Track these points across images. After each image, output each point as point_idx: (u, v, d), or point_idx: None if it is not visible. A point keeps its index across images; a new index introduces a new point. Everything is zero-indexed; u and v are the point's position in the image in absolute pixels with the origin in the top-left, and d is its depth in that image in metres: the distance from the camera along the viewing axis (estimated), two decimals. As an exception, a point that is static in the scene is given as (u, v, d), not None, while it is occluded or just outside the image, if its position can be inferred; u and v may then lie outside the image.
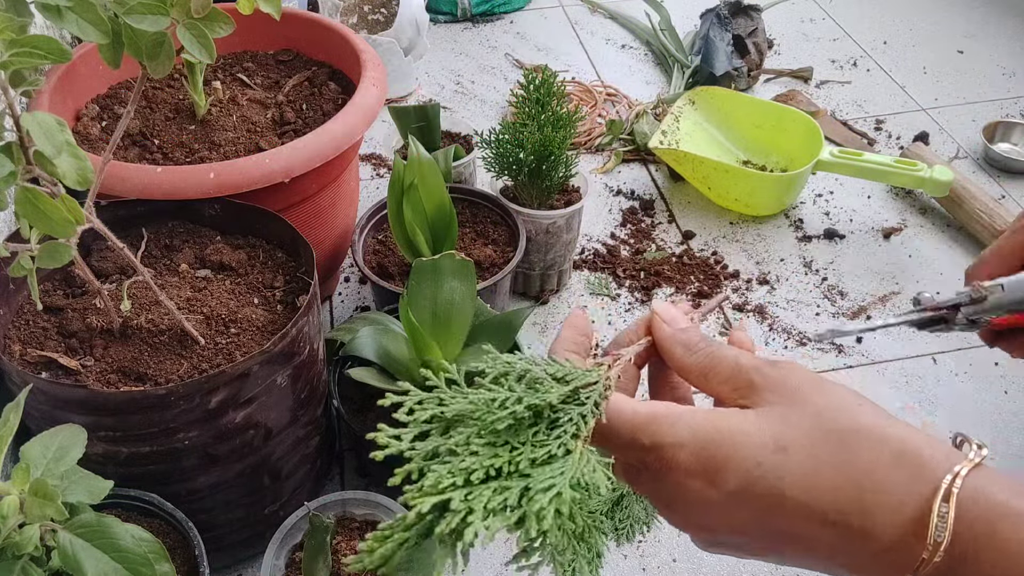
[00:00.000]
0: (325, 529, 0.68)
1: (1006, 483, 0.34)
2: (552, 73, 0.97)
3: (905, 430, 0.35)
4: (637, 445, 0.37)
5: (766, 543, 0.38)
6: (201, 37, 0.56)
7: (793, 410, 0.37)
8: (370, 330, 0.78)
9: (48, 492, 0.49)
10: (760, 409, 0.37)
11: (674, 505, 0.39)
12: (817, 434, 0.36)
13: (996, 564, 0.33)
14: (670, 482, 0.38)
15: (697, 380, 0.40)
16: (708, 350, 0.40)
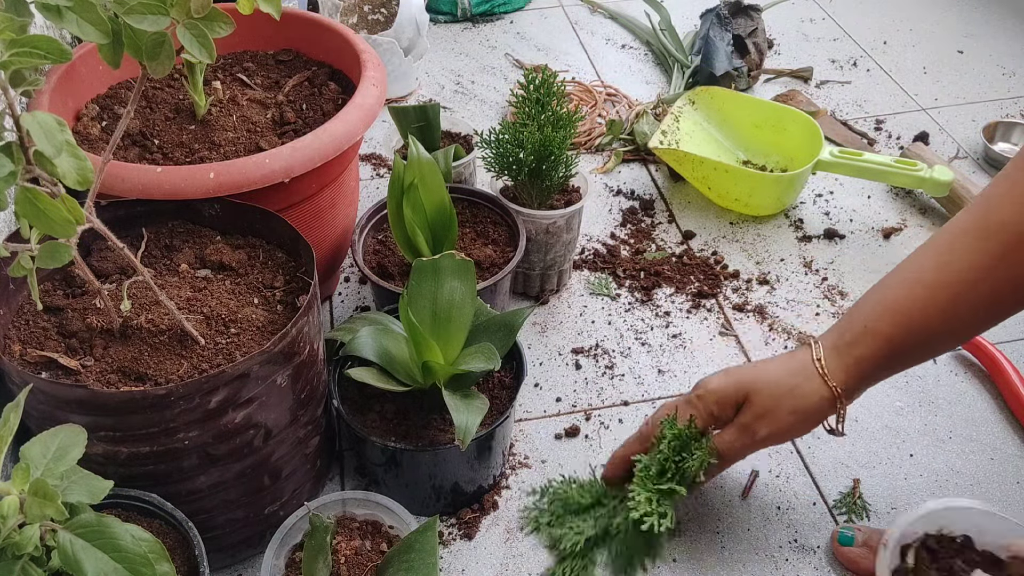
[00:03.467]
0: (325, 529, 0.68)
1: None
2: (552, 73, 0.97)
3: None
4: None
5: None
6: (201, 37, 0.56)
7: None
8: (370, 330, 0.78)
9: (48, 492, 0.49)
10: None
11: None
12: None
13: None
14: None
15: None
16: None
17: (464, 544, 0.81)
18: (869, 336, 0.70)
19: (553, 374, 0.97)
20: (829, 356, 0.71)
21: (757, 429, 0.72)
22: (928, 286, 0.67)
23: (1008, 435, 0.91)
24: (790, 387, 0.71)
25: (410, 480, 0.80)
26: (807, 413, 0.71)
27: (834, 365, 0.71)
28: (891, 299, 0.69)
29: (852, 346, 0.71)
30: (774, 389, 0.71)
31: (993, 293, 0.66)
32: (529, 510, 0.77)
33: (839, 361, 0.71)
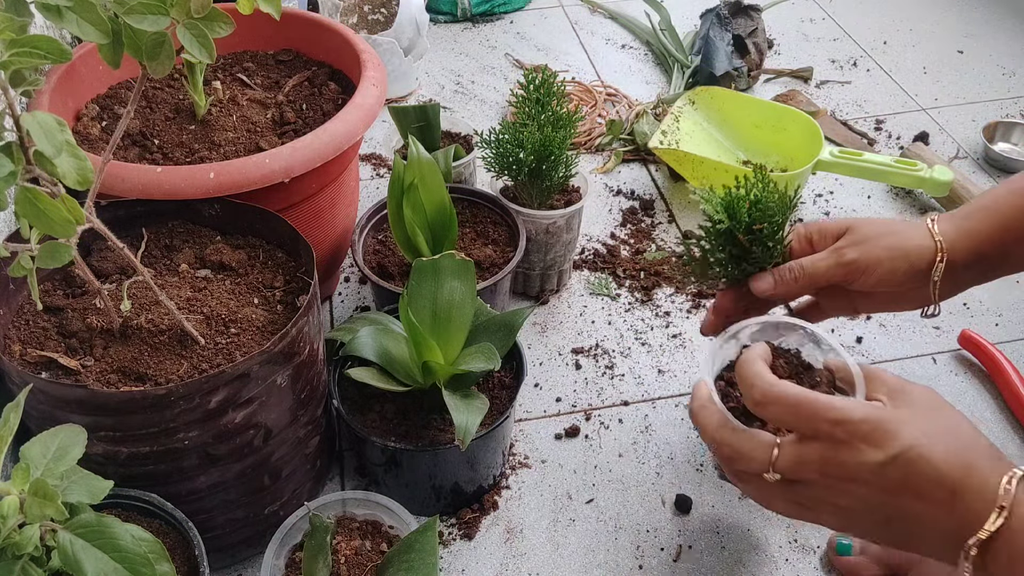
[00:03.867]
0: (325, 529, 0.68)
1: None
2: (552, 73, 0.97)
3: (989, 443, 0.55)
4: (828, 420, 0.54)
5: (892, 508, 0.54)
6: (201, 37, 0.56)
7: (936, 412, 0.56)
8: (370, 330, 0.78)
9: (48, 492, 0.49)
10: (911, 410, 0.55)
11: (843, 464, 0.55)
12: (951, 427, 0.55)
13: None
14: (848, 448, 0.54)
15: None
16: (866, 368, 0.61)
17: (464, 544, 0.81)
18: (984, 212, 0.69)
19: (553, 374, 0.97)
20: (942, 219, 0.71)
21: (847, 251, 0.70)
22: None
23: (1008, 435, 0.91)
24: (893, 229, 0.70)
25: (410, 480, 0.80)
26: (904, 251, 0.69)
27: (944, 226, 0.70)
28: (1015, 187, 0.70)
29: (965, 218, 0.70)
30: (878, 226, 0.71)
31: None
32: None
33: (949, 224, 0.70)
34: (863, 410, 0.54)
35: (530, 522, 0.82)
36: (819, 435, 0.55)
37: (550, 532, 0.82)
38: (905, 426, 0.54)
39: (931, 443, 0.53)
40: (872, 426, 0.53)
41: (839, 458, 0.54)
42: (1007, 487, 0.50)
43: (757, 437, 0.58)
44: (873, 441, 0.53)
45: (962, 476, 0.52)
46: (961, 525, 0.51)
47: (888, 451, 0.53)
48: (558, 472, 0.87)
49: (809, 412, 0.55)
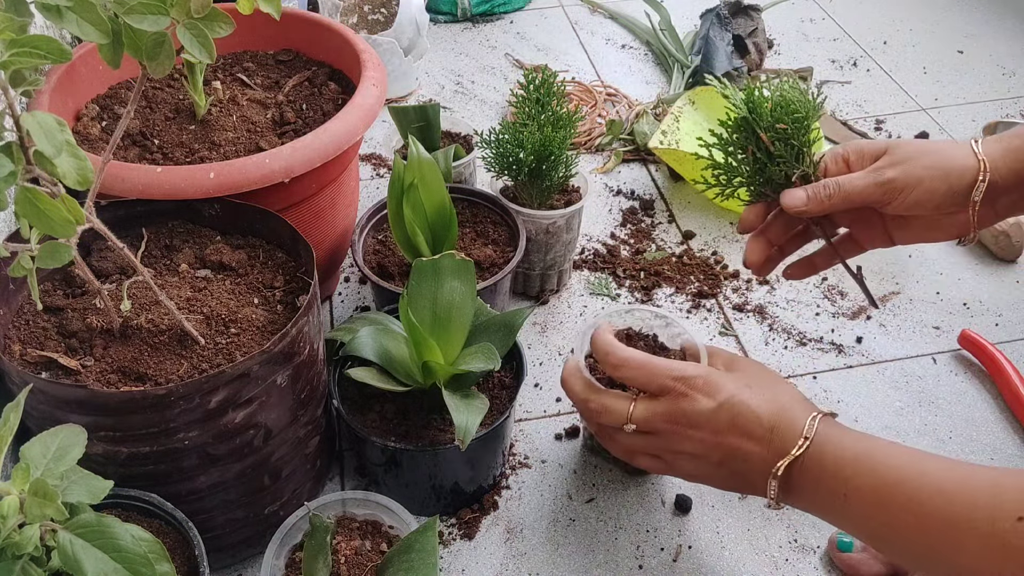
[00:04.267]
0: (325, 529, 0.68)
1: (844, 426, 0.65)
2: (552, 73, 0.97)
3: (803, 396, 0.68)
4: (669, 375, 0.67)
5: (724, 448, 0.66)
6: (201, 37, 0.56)
7: (754, 374, 0.69)
8: (370, 330, 0.78)
9: (48, 492, 0.49)
10: (739, 372, 0.69)
11: (684, 412, 0.66)
12: (766, 383, 0.68)
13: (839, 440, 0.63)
14: (687, 398, 0.66)
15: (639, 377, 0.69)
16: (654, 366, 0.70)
17: (464, 544, 0.81)
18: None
19: (553, 374, 0.97)
20: (986, 141, 0.70)
21: (885, 171, 0.69)
22: None
23: (1008, 435, 0.91)
24: (935, 147, 0.69)
25: (410, 480, 0.80)
26: (944, 170, 0.68)
27: (990, 147, 0.69)
28: None
29: (1014, 136, 0.69)
30: (919, 146, 0.70)
31: None
32: None
33: (996, 144, 0.69)
34: (697, 369, 0.67)
35: (530, 522, 0.82)
36: (664, 390, 0.67)
37: (550, 532, 0.82)
38: (731, 381, 0.66)
39: (751, 392, 0.66)
40: (704, 380, 0.66)
41: (680, 407, 0.66)
42: (811, 423, 0.64)
43: (617, 395, 0.70)
44: (705, 391, 0.66)
45: (776, 417, 0.64)
46: (776, 455, 0.64)
47: (717, 399, 0.65)
48: (558, 472, 0.87)
49: (654, 370, 0.67)
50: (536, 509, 0.84)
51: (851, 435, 0.63)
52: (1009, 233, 1.09)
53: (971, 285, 1.08)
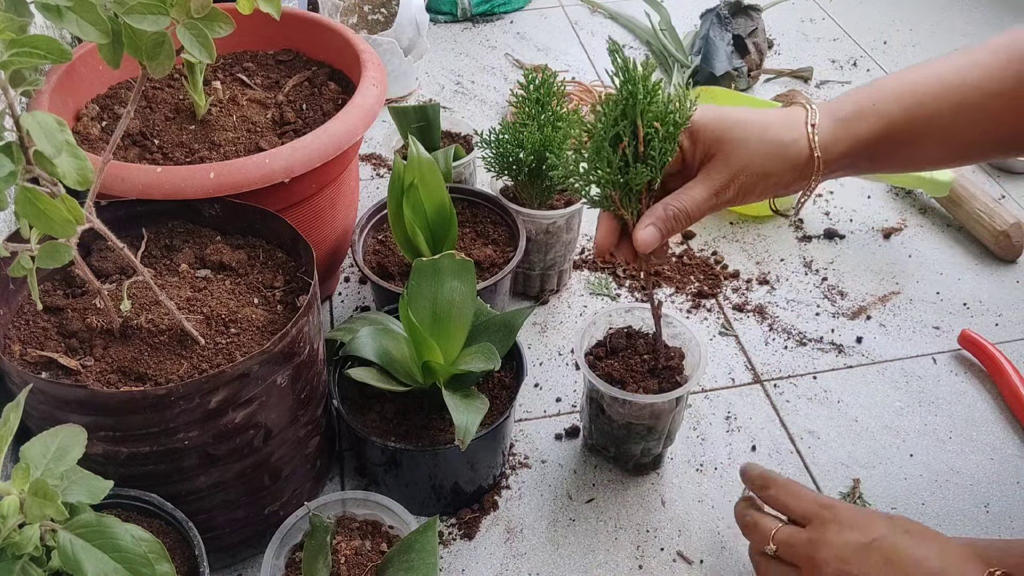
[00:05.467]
0: (325, 529, 0.68)
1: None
2: (552, 73, 0.97)
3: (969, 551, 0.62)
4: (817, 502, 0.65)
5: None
6: (201, 37, 0.56)
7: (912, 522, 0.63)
8: (370, 330, 0.78)
9: (48, 492, 0.49)
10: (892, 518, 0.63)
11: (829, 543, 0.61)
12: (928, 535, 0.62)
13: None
14: (832, 527, 0.62)
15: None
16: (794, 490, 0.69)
17: (464, 544, 0.81)
18: (872, 115, 0.66)
19: (553, 374, 0.97)
20: (823, 123, 0.66)
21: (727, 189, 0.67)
22: (945, 82, 0.65)
23: (1008, 435, 0.91)
24: (770, 144, 0.66)
25: (410, 480, 0.80)
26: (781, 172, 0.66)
27: (825, 133, 0.66)
28: (907, 83, 0.66)
29: (850, 120, 0.66)
30: (754, 141, 0.66)
31: (1002, 114, 0.64)
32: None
33: (832, 131, 0.66)
34: (846, 503, 0.65)
35: (530, 522, 0.82)
36: (809, 517, 0.64)
37: (550, 532, 0.82)
38: (885, 521, 0.62)
39: (911, 539, 0.61)
40: (855, 512, 0.62)
41: (826, 536, 0.61)
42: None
43: (768, 516, 0.68)
44: (855, 525, 0.61)
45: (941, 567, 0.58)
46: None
47: (869, 535, 0.61)
48: (558, 472, 0.87)
49: (800, 492, 0.65)
50: (536, 509, 0.84)
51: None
52: (1009, 233, 1.09)
53: (971, 285, 1.08)
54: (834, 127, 0.66)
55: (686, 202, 0.67)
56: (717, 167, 0.67)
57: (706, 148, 0.67)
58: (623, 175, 0.66)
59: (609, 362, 0.81)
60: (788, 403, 0.94)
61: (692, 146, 0.68)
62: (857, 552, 0.60)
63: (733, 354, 1.00)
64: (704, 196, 0.67)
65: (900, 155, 0.68)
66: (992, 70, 0.65)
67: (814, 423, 0.92)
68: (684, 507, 0.84)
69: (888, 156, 0.68)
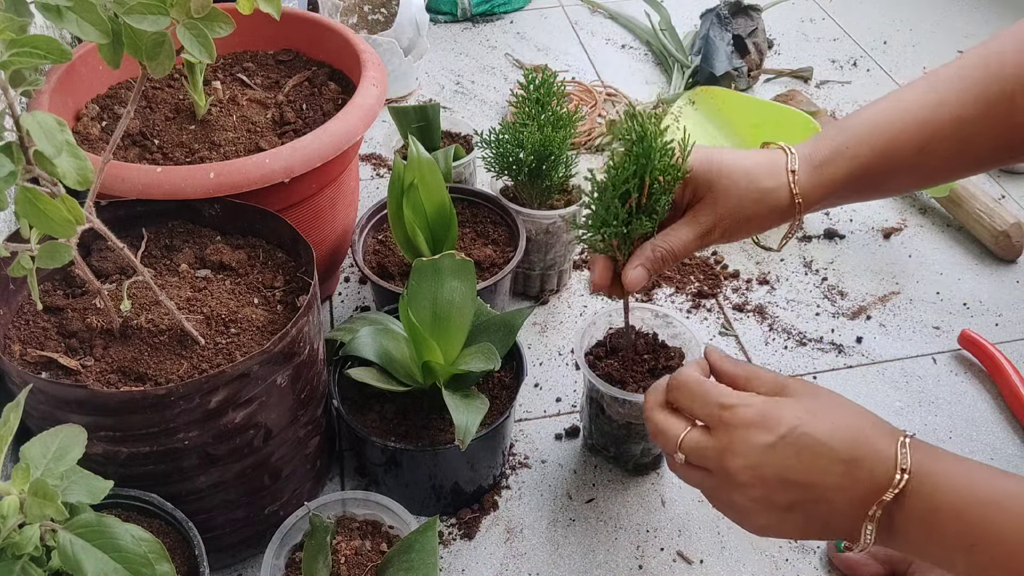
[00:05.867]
0: (325, 529, 0.68)
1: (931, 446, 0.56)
2: (552, 73, 0.97)
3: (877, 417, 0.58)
4: (718, 403, 0.59)
5: (793, 491, 0.56)
6: (201, 37, 0.56)
7: (816, 396, 0.59)
8: (370, 330, 0.78)
9: (48, 492, 0.49)
10: (793, 397, 0.59)
11: (736, 446, 0.57)
12: (833, 407, 0.58)
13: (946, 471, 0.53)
14: (737, 431, 0.57)
15: (743, 384, 0.62)
16: (750, 367, 0.63)
17: (464, 544, 0.81)
18: (846, 159, 0.68)
19: (553, 374, 0.97)
20: (802, 168, 0.69)
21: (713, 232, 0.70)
22: (917, 119, 0.67)
23: (1008, 435, 0.91)
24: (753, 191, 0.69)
25: (410, 480, 0.80)
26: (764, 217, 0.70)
27: (804, 178, 0.69)
28: (879, 123, 0.68)
29: (826, 165, 0.69)
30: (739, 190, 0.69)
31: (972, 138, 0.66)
32: None
33: (810, 176, 0.69)
34: (750, 398, 0.58)
35: (530, 522, 0.82)
36: (712, 421, 0.59)
37: (550, 532, 0.82)
38: (788, 409, 0.57)
39: (817, 420, 0.56)
40: (757, 411, 0.57)
41: (731, 444, 0.57)
42: (903, 450, 0.54)
43: (672, 418, 0.62)
44: (761, 424, 0.56)
45: (855, 446, 0.55)
46: (866, 492, 0.54)
47: (776, 431, 0.56)
48: (558, 472, 0.87)
49: (704, 396, 0.60)
50: (536, 509, 0.84)
51: (959, 465, 0.55)
52: (1009, 233, 1.09)
53: (971, 285, 1.08)
54: (811, 173, 0.69)
55: (673, 243, 0.70)
56: (704, 211, 0.70)
57: (695, 191, 0.71)
58: (627, 226, 0.69)
59: (609, 362, 0.82)
60: (788, 403, 0.94)
61: (682, 188, 0.71)
62: (766, 454, 0.56)
63: (733, 354, 0.99)
64: (690, 238, 0.70)
65: (877, 189, 0.71)
66: (963, 97, 0.66)
67: (814, 423, 0.92)
68: (684, 507, 0.84)
69: (865, 191, 0.71)
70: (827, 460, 0.55)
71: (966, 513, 0.52)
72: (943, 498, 0.53)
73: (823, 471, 0.55)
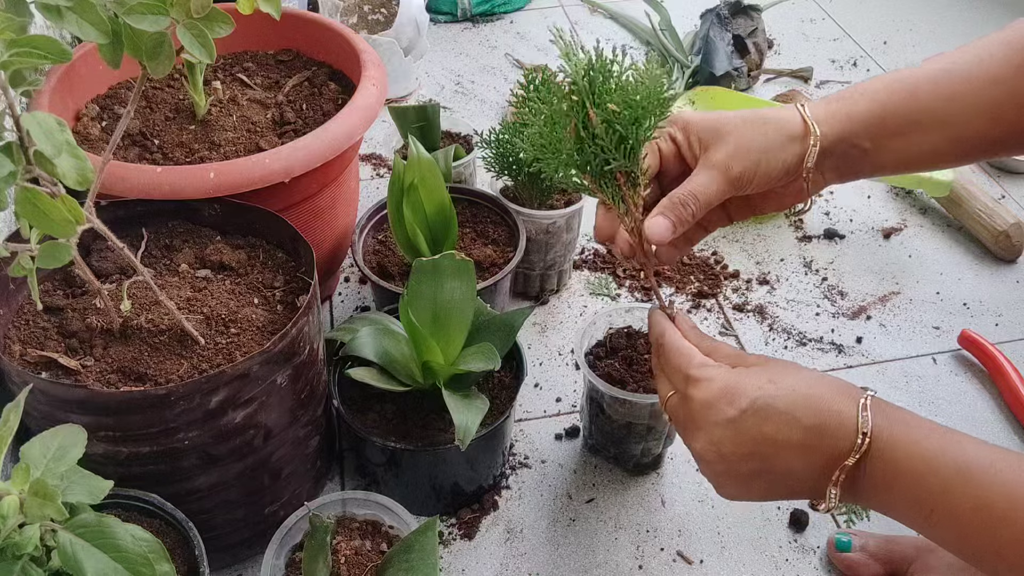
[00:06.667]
0: (325, 529, 0.68)
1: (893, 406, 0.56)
2: (552, 73, 0.97)
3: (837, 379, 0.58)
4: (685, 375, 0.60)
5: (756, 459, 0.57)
6: (201, 37, 0.56)
7: (775, 366, 0.59)
8: (370, 330, 0.78)
9: (48, 492, 0.49)
10: (754, 367, 0.59)
11: (699, 422, 0.59)
12: (792, 375, 0.58)
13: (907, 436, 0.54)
14: (699, 409, 0.58)
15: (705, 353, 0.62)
16: (712, 340, 0.64)
17: (464, 544, 0.81)
18: (864, 97, 0.65)
19: (553, 374, 0.97)
20: (815, 104, 0.66)
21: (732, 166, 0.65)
22: (939, 71, 0.65)
23: (1008, 435, 0.91)
24: (764, 121, 0.65)
25: (410, 480, 0.80)
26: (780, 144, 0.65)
27: (817, 108, 0.66)
28: (900, 76, 0.66)
29: (840, 99, 0.66)
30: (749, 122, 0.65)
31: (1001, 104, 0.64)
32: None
33: (824, 107, 0.66)
34: (714, 371, 0.59)
35: (530, 522, 0.82)
36: (681, 392, 0.60)
37: (550, 532, 0.82)
38: (749, 378, 0.57)
39: (777, 388, 0.56)
40: (720, 385, 0.58)
41: (696, 421, 0.59)
42: (863, 415, 0.54)
43: (664, 380, 0.64)
44: (722, 397, 0.57)
45: (816, 412, 0.55)
46: (828, 458, 0.54)
47: (737, 404, 0.56)
48: (558, 472, 0.87)
49: (678, 362, 0.61)
50: (536, 509, 0.84)
51: (919, 428, 0.54)
52: (1009, 233, 1.09)
53: (971, 285, 1.08)
54: (826, 104, 0.66)
55: (693, 187, 0.65)
56: (715, 150, 0.65)
57: (700, 140, 0.66)
58: (579, 155, 0.64)
59: (609, 362, 0.81)
60: (788, 403, 0.94)
61: (687, 140, 0.67)
62: (729, 429, 0.57)
63: (733, 354, 1.00)
64: (710, 178, 0.65)
65: (895, 145, 0.66)
66: (991, 57, 0.65)
67: (814, 423, 0.92)
68: (684, 507, 0.84)
69: (883, 145, 0.66)
70: (789, 428, 0.55)
71: (924, 480, 0.52)
72: (904, 463, 0.53)
73: (786, 440, 0.55)
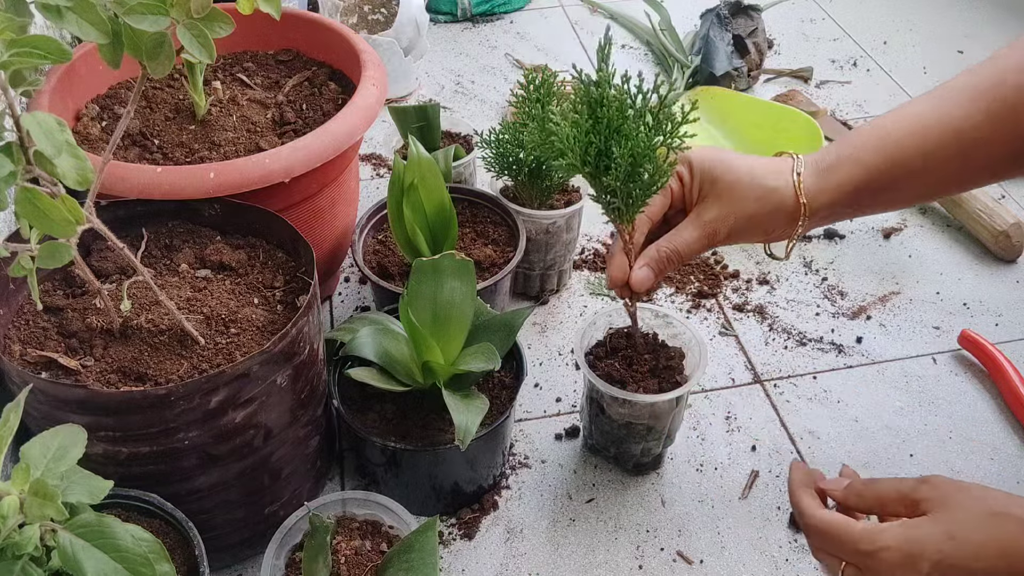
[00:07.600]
0: (325, 529, 0.68)
1: None
2: (552, 73, 0.97)
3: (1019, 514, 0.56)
4: (859, 552, 0.58)
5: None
6: (201, 37, 0.56)
7: (955, 508, 0.57)
8: (370, 330, 0.78)
9: (48, 492, 0.49)
10: (930, 516, 0.57)
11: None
12: (974, 519, 0.56)
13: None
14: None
15: (871, 510, 0.63)
16: (873, 491, 0.63)
17: (464, 544, 0.81)
18: (853, 163, 0.69)
19: (553, 374, 0.97)
20: (808, 171, 0.70)
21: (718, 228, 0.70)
22: (920, 129, 0.69)
23: (1008, 435, 0.91)
24: (759, 189, 0.69)
25: (410, 480, 0.80)
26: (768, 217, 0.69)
27: (810, 182, 0.69)
28: (888, 131, 0.69)
29: (833, 170, 0.69)
30: (744, 185, 0.69)
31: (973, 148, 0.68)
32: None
33: (816, 180, 0.69)
34: (890, 536, 0.57)
35: (530, 522, 0.82)
36: (857, 566, 0.59)
37: (550, 532, 0.82)
38: (930, 536, 0.56)
39: (957, 544, 0.55)
40: (898, 550, 0.56)
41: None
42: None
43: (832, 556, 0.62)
44: (904, 564, 0.56)
45: (1006, 560, 0.54)
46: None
47: (919, 566, 0.56)
48: (558, 472, 0.87)
49: (841, 541, 0.60)
50: (536, 509, 0.84)
51: None
52: (1009, 233, 1.09)
53: (971, 285, 1.08)
54: (818, 177, 0.70)
55: (678, 244, 0.71)
56: (709, 208, 0.70)
57: (701, 184, 0.71)
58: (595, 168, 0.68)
59: (609, 362, 0.82)
60: (788, 403, 0.94)
61: (690, 178, 0.71)
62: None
63: (733, 354, 1.00)
64: (695, 238, 0.71)
65: (880, 199, 0.71)
66: (968, 108, 0.69)
67: (814, 423, 0.92)
68: (684, 507, 0.84)
69: (869, 202, 0.71)
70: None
71: None
72: None
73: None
